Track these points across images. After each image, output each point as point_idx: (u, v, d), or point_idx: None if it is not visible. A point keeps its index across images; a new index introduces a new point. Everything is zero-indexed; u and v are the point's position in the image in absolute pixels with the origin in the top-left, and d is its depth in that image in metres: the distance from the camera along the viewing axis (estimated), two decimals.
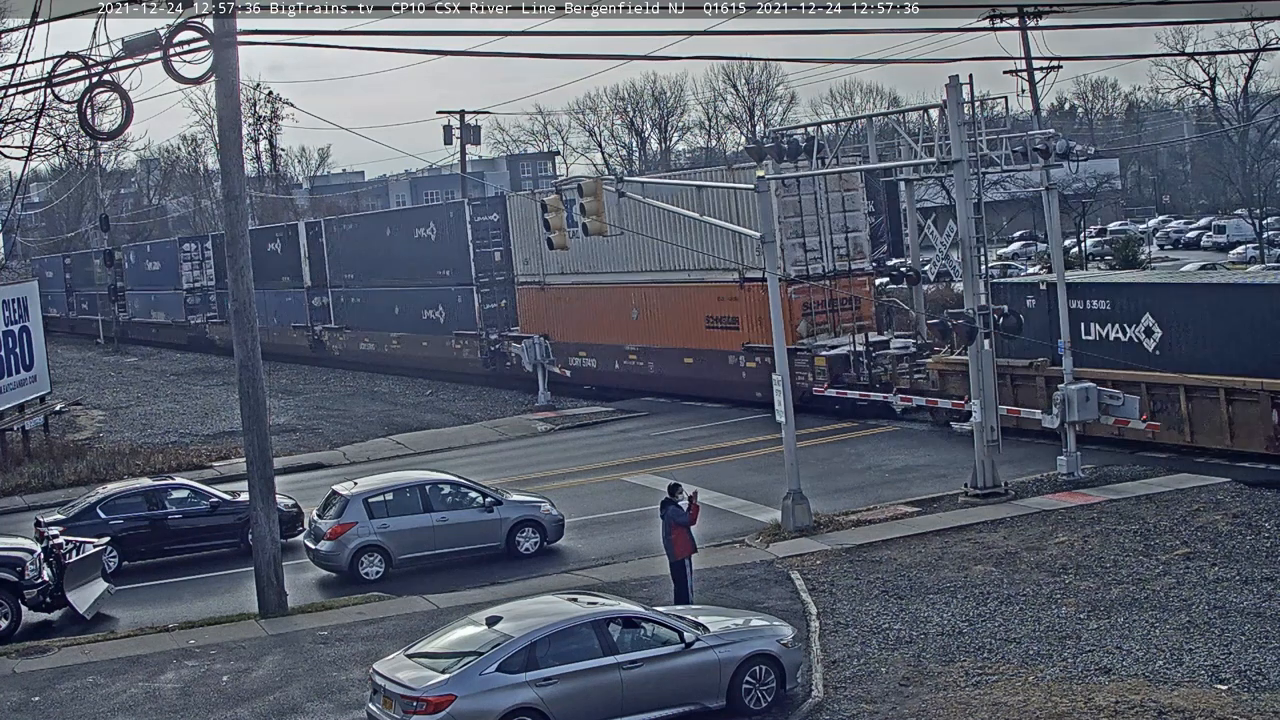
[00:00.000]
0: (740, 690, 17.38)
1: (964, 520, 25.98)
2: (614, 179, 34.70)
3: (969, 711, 16.64)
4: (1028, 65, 55.67)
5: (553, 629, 16.88)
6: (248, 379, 23.95)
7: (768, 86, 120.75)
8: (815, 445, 34.38)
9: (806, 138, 33.74)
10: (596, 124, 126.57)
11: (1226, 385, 28.48)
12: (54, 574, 24.14)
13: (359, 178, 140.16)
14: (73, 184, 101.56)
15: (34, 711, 19.46)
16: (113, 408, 54.70)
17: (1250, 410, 28.14)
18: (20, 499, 36.02)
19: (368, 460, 38.97)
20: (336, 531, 25.84)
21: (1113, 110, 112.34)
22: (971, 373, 28.24)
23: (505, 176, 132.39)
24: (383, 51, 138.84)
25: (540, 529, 27.00)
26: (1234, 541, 22.96)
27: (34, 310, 43.29)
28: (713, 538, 26.11)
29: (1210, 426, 28.96)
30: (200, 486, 29.91)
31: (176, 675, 20.60)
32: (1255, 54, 77.52)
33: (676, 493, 22.12)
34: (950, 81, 27.40)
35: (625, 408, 44.17)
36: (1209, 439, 29.12)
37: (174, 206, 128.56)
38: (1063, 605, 20.40)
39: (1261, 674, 17.05)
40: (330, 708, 18.72)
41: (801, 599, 21.92)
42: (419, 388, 54.08)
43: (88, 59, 22.54)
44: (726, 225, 35.67)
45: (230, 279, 24.17)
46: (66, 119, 45.83)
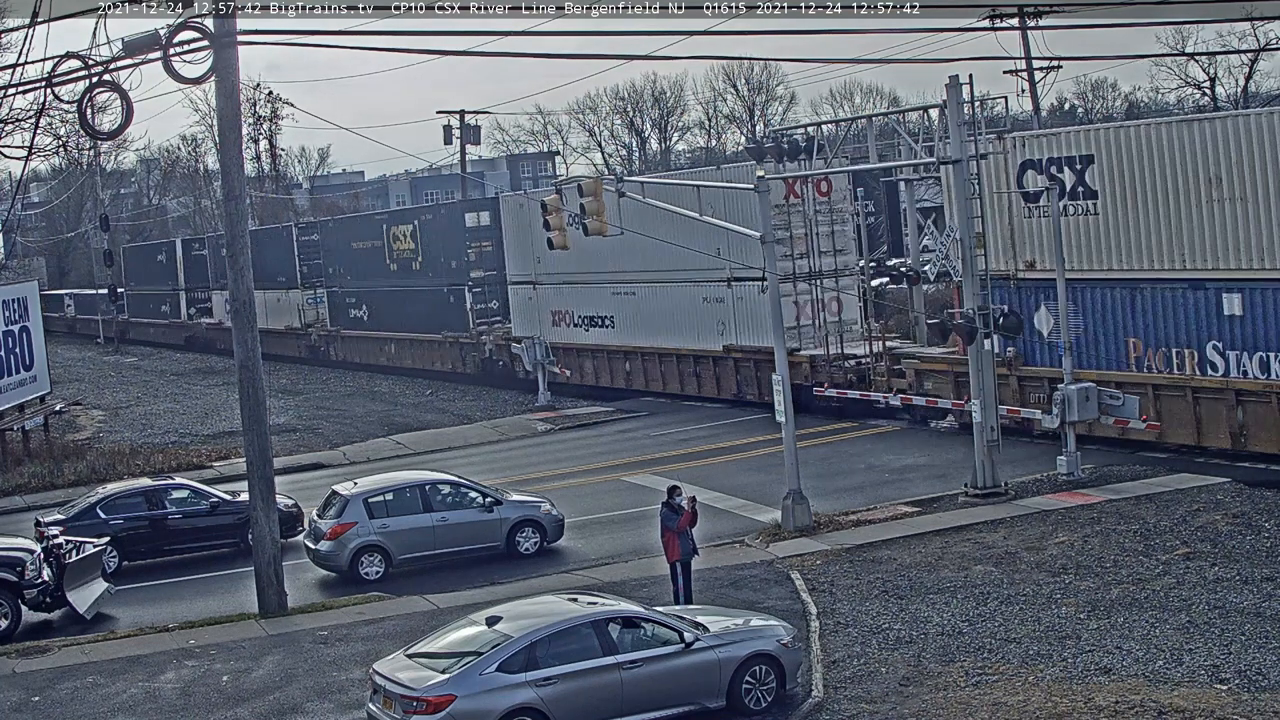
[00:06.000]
0: (740, 690, 17.38)
1: (964, 520, 25.99)
2: (615, 179, 34.73)
3: (969, 711, 16.64)
4: (1028, 65, 55.66)
5: (553, 629, 16.88)
6: (248, 379, 23.96)
7: (768, 86, 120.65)
8: (815, 445, 34.38)
9: (806, 138, 33.77)
10: (596, 124, 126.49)
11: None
12: (54, 574, 24.13)
13: (359, 178, 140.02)
14: (73, 184, 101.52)
15: (34, 711, 19.46)
16: (113, 408, 54.72)
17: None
18: (20, 499, 36.03)
19: (368, 460, 38.97)
20: (336, 531, 25.84)
21: (1113, 110, 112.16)
22: (971, 373, 28.24)
23: (505, 176, 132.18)
24: (383, 51, 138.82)
25: (540, 529, 27.00)
26: (1234, 541, 22.96)
27: (34, 310, 43.32)
28: (713, 538, 26.11)
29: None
30: (200, 486, 29.92)
31: (176, 675, 20.61)
32: (1255, 54, 77.50)
33: (675, 494, 22.12)
34: (950, 81, 27.39)
35: (625, 408, 44.17)
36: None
37: (174, 206, 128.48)
38: (1063, 605, 20.40)
39: (1261, 674, 17.05)
40: (330, 708, 18.73)
41: (801, 599, 21.92)
42: (419, 388, 54.09)
43: (88, 59, 22.53)
44: (726, 225, 35.67)
45: (230, 279, 24.17)
46: (66, 119, 45.90)
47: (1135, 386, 29.45)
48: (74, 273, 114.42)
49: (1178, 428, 29.37)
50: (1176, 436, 29.55)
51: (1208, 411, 28.76)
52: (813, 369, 38.26)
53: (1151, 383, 29.56)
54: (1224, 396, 28.33)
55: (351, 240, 61.48)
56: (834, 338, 37.83)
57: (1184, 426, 29.24)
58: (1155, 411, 29.34)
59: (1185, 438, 29.37)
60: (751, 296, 39.03)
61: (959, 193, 27.88)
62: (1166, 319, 29.37)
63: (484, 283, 52.01)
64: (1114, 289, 30.48)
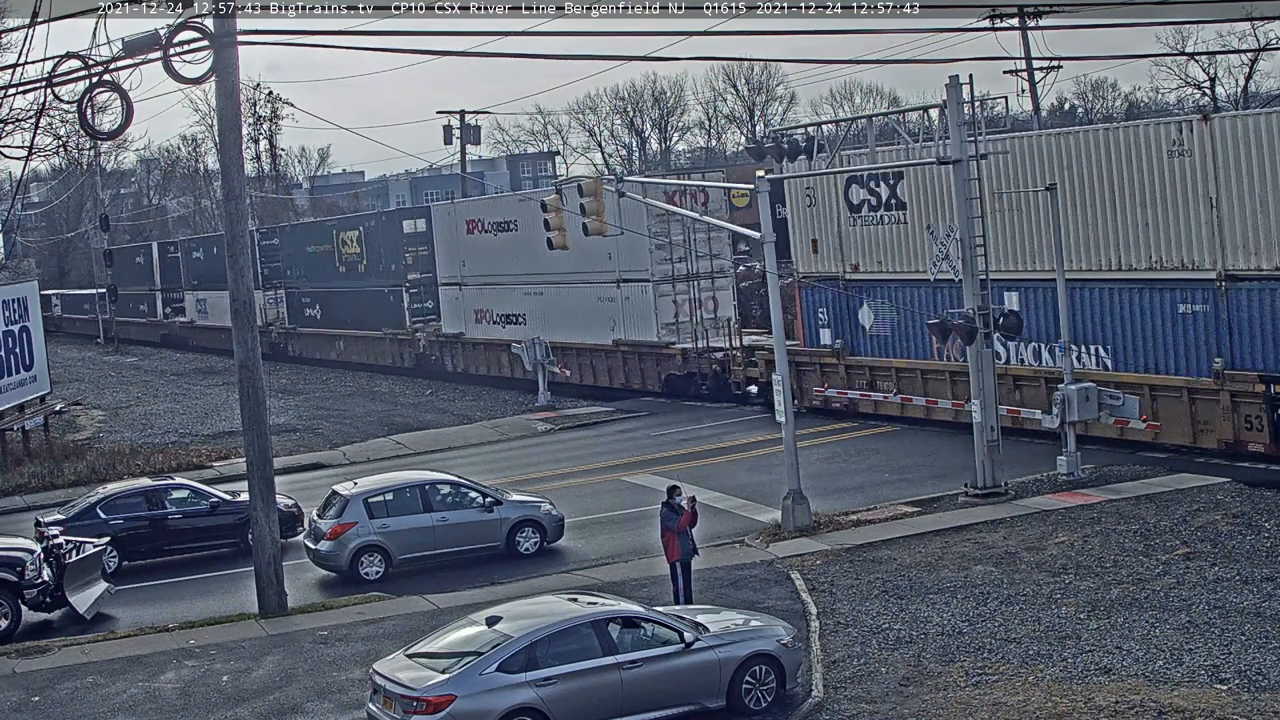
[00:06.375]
0: (740, 690, 17.38)
1: (964, 520, 25.99)
2: (614, 179, 34.72)
3: (969, 711, 16.64)
4: (1028, 65, 55.66)
5: (553, 629, 16.88)
6: (248, 379, 23.96)
7: (768, 86, 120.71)
8: (815, 445, 34.39)
9: (806, 138, 33.70)
10: (596, 124, 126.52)
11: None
12: (54, 574, 24.14)
13: (359, 178, 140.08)
14: (73, 184, 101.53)
15: (34, 711, 19.46)
16: (113, 408, 54.74)
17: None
18: (20, 499, 36.04)
19: (368, 460, 38.98)
20: (336, 531, 25.84)
21: (1113, 110, 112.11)
22: (971, 372, 28.23)
23: (505, 176, 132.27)
24: (383, 51, 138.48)
25: (540, 529, 27.01)
26: (1234, 541, 22.96)
27: (34, 310, 43.34)
28: (713, 538, 26.11)
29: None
30: (200, 486, 29.92)
31: (176, 675, 20.61)
32: (1255, 54, 77.51)
33: (675, 494, 22.12)
34: (950, 81, 27.37)
35: (625, 408, 44.19)
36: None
37: (174, 206, 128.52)
38: (1063, 605, 20.40)
39: (1261, 674, 17.05)
40: (330, 708, 18.73)
41: (801, 599, 21.93)
42: (419, 387, 54.16)
43: (88, 59, 22.54)
44: (727, 226, 35.80)
45: (230, 279, 24.16)
46: (66, 119, 45.88)
47: (936, 374, 34.89)
48: (74, 272, 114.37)
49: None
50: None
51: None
52: (684, 360, 43.40)
53: (949, 370, 34.10)
54: (1003, 381, 31.62)
55: (306, 244, 66.59)
56: (713, 332, 42.99)
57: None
58: (952, 396, 34.41)
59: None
60: (637, 296, 44.33)
61: (959, 192, 27.87)
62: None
63: (420, 284, 57.43)
64: (919, 288, 35.05)
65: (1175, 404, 29.40)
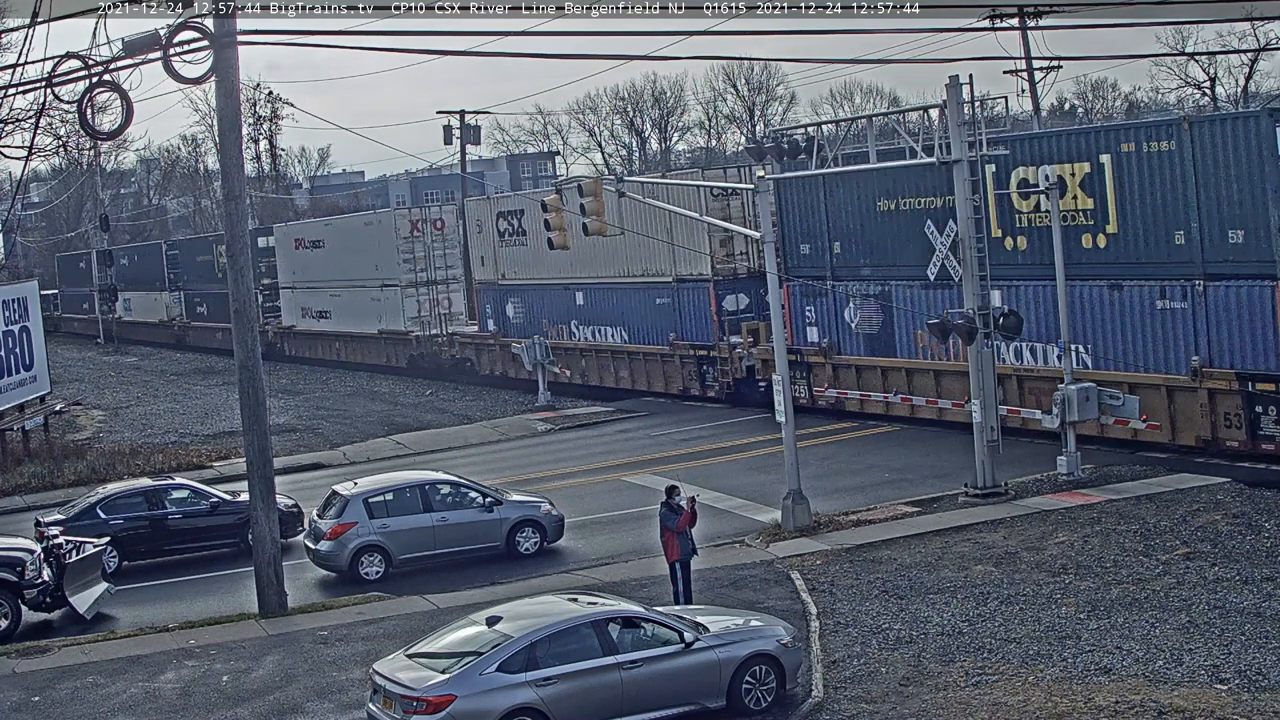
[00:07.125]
0: (740, 690, 17.38)
1: (964, 520, 25.99)
2: (615, 179, 34.71)
3: (969, 711, 16.64)
4: (1028, 65, 55.63)
5: (553, 629, 16.88)
6: (248, 379, 23.96)
7: (768, 86, 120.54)
8: (815, 445, 34.39)
9: (806, 138, 33.68)
10: (596, 124, 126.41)
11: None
12: (54, 574, 24.13)
13: (359, 178, 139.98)
14: (73, 184, 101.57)
15: (34, 711, 19.46)
16: (113, 408, 54.75)
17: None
18: (20, 499, 36.03)
19: (368, 460, 38.98)
20: (336, 531, 25.84)
21: (1113, 110, 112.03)
22: (971, 372, 28.23)
23: (505, 176, 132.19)
24: (383, 51, 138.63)
25: (540, 529, 27.00)
26: (1234, 541, 22.96)
27: (34, 310, 43.32)
28: (713, 538, 26.11)
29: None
30: (200, 486, 29.91)
31: (176, 675, 20.61)
32: (1255, 54, 77.51)
33: (674, 494, 22.11)
34: (950, 81, 27.37)
35: (625, 408, 44.21)
36: None
37: (174, 206, 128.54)
38: (1063, 605, 20.40)
39: (1261, 674, 17.05)
40: (330, 708, 18.73)
41: (801, 599, 21.92)
42: (419, 387, 54.17)
43: (88, 59, 22.53)
44: (727, 226, 35.74)
45: (230, 279, 24.17)
46: (66, 119, 45.94)
47: (571, 352, 47.38)
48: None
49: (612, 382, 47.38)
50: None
51: (630, 368, 46.84)
52: (417, 343, 56.97)
53: (581, 347, 46.65)
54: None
55: (196, 256, 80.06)
56: (443, 324, 56.51)
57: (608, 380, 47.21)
58: (597, 372, 46.85)
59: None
60: (393, 297, 58.29)
61: (960, 193, 27.87)
62: (555, 308, 49.05)
63: (270, 288, 69.46)
64: (544, 290, 49.11)
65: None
